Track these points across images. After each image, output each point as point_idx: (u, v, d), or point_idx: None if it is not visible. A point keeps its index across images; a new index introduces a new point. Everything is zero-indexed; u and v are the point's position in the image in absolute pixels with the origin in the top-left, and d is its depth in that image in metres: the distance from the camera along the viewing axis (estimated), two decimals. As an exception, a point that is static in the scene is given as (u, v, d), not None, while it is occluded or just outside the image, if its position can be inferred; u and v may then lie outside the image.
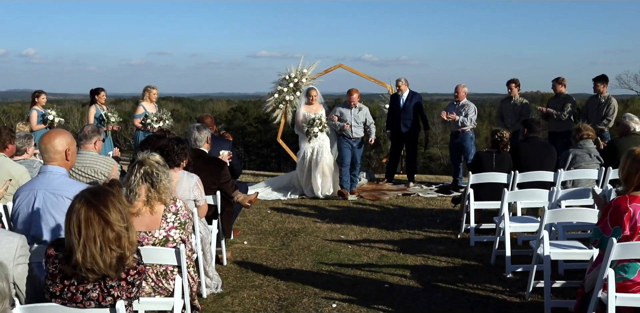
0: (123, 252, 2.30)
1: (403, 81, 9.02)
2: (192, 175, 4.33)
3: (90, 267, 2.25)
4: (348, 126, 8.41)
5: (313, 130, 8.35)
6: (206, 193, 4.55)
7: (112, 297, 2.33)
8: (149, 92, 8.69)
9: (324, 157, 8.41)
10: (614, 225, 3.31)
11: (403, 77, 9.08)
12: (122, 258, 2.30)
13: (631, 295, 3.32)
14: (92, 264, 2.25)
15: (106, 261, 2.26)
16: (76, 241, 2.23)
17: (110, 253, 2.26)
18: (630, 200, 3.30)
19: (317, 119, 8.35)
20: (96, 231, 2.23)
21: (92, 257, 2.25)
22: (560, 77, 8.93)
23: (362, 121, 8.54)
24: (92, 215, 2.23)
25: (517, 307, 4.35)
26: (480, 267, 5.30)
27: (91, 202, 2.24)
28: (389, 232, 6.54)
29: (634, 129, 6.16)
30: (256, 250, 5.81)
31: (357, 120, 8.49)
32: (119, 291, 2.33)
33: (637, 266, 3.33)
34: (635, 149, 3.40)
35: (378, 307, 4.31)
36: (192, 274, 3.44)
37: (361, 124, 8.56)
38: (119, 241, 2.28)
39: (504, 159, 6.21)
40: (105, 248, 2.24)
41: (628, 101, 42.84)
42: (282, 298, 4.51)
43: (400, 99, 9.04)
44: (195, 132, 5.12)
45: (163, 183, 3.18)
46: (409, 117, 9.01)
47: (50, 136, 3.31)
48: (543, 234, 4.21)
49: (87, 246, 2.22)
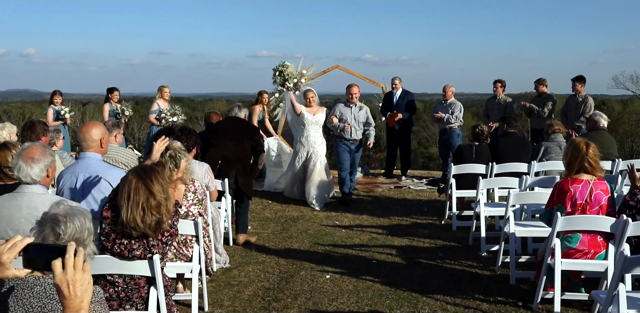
0: (161, 217, 2.94)
1: (397, 80, 9.64)
2: (203, 164, 4.99)
3: (133, 226, 2.90)
4: (349, 127, 7.79)
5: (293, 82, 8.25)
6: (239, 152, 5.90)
7: (152, 254, 2.97)
8: (162, 91, 9.49)
9: (316, 167, 7.87)
10: (557, 204, 3.96)
11: (399, 76, 9.69)
12: (159, 222, 2.95)
13: (574, 260, 3.97)
14: (134, 224, 2.89)
15: (146, 223, 2.91)
16: (125, 205, 2.87)
17: (150, 217, 2.90)
18: (571, 181, 3.95)
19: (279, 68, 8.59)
20: (141, 198, 2.87)
21: (135, 219, 2.89)
22: (541, 78, 9.60)
23: (362, 121, 8.00)
24: (140, 185, 2.87)
25: (487, 278, 5.00)
26: (459, 247, 5.94)
27: (141, 175, 2.89)
28: (380, 219, 7.18)
29: (602, 125, 6.80)
30: (259, 234, 6.45)
31: (357, 120, 7.95)
32: (157, 249, 2.98)
33: (579, 236, 3.98)
34: (575, 140, 4.06)
35: (366, 278, 4.96)
36: (207, 243, 4.10)
37: (361, 125, 8.01)
38: (159, 208, 2.92)
39: (483, 151, 6.86)
40: (147, 212, 2.88)
41: (628, 101, 43.28)
42: (282, 271, 5.16)
43: (394, 97, 9.66)
44: (236, 109, 6.40)
45: (184, 164, 3.85)
46: (404, 117, 9.61)
47: (88, 127, 3.94)
48: (509, 214, 4.86)
49: (132, 209, 2.87)
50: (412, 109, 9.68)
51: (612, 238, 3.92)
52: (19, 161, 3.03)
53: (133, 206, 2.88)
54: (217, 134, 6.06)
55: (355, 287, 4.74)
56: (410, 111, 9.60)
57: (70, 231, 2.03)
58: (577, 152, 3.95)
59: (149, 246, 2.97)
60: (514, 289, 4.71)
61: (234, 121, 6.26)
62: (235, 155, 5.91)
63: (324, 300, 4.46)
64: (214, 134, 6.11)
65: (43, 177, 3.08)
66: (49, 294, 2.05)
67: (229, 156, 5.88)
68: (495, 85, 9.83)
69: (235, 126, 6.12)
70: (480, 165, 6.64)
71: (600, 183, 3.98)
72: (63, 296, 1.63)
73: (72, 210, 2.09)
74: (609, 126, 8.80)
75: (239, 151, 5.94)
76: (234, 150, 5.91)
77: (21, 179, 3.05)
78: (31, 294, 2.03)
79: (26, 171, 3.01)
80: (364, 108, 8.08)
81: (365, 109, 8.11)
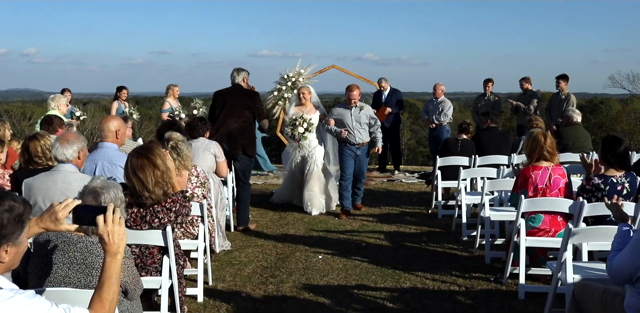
0: (166, 184, 3.49)
1: (384, 80, 10.17)
2: (212, 141, 5.77)
3: (144, 195, 3.44)
4: (346, 133, 7.05)
5: (297, 131, 7.21)
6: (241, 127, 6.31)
7: (158, 219, 3.47)
8: (172, 90, 10.02)
9: (314, 171, 7.35)
10: (521, 189, 4.47)
11: (384, 77, 10.24)
12: (164, 190, 3.50)
13: (537, 238, 4.47)
14: (144, 193, 3.43)
15: (154, 192, 3.44)
16: (134, 179, 3.45)
17: (155, 185, 3.44)
18: (532, 169, 4.47)
19: (299, 117, 7.22)
20: (147, 171, 3.42)
21: (146, 189, 3.43)
22: (526, 77, 10.12)
23: (365, 122, 7.18)
24: (144, 160, 3.43)
25: (465, 258, 5.50)
26: (442, 233, 6.44)
27: (141, 153, 3.47)
28: (371, 208, 7.68)
29: (576, 120, 7.30)
30: (258, 221, 6.94)
31: (359, 121, 7.12)
32: (162, 214, 3.49)
33: (541, 217, 4.49)
34: (534, 132, 4.58)
35: (354, 258, 5.47)
36: (211, 223, 4.61)
37: (365, 126, 7.19)
38: (162, 177, 3.47)
39: (468, 145, 7.36)
40: (154, 183, 3.43)
41: (628, 100, 43.66)
42: (279, 253, 5.67)
43: (382, 95, 10.19)
44: (235, 73, 6.57)
45: (185, 152, 4.40)
46: (392, 111, 10.11)
47: (107, 119, 4.51)
48: (485, 200, 5.36)
49: (142, 181, 3.42)
50: (400, 106, 10.29)
51: (570, 218, 4.42)
52: (57, 143, 3.66)
53: (142, 177, 3.42)
54: (219, 110, 6.36)
55: (345, 266, 5.25)
56: (398, 108, 10.17)
57: (107, 200, 2.55)
58: (537, 143, 4.47)
59: (155, 212, 3.49)
60: (488, 267, 5.20)
61: (231, 93, 6.41)
62: (238, 130, 6.32)
63: (316, 276, 4.96)
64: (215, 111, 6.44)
65: (75, 158, 3.69)
66: (90, 249, 2.57)
67: (233, 133, 6.30)
68: (487, 84, 10.35)
69: (233, 97, 6.35)
70: (464, 158, 7.13)
71: (557, 168, 4.51)
72: (105, 243, 2.14)
73: (107, 183, 2.62)
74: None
75: (240, 126, 6.33)
76: (235, 125, 6.31)
77: (57, 158, 3.66)
78: (75, 249, 2.55)
79: (62, 151, 3.63)
80: (365, 108, 7.26)
81: (367, 108, 7.30)
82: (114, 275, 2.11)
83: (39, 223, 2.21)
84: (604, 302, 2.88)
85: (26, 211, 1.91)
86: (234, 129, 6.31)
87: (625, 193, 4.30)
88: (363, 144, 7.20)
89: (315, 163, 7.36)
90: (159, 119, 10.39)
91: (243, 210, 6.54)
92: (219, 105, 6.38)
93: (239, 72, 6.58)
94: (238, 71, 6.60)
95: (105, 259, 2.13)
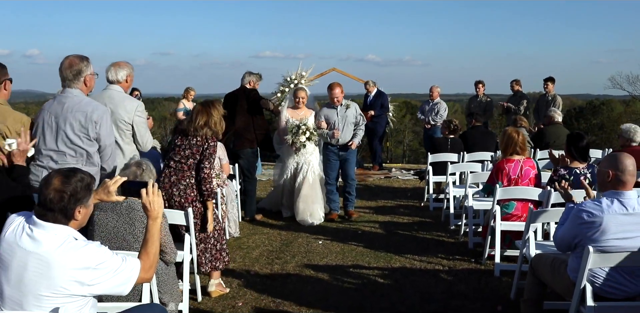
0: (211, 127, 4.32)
1: (371, 83, 10.84)
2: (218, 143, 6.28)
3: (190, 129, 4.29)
4: (339, 134, 6.79)
5: (299, 140, 6.76)
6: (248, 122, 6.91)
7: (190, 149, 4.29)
8: (188, 93, 10.92)
9: (308, 179, 6.89)
10: (496, 179, 5.07)
11: (371, 80, 10.91)
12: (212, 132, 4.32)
13: (511, 222, 5.07)
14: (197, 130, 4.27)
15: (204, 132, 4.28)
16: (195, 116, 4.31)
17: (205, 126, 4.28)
18: (506, 161, 5.08)
19: (302, 125, 6.77)
20: (203, 116, 4.29)
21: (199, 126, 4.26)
22: (517, 79, 10.72)
23: (352, 121, 6.90)
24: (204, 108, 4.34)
25: (450, 244, 6.10)
26: (432, 223, 7.05)
27: (204, 104, 4.38)
28: (368, 202, 8.29)
29: (557, 120, 7.89)
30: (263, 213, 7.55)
31: (346, 121, 6.85)
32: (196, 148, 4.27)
33: (514, 204, 5.09)
34: (508, 130, 5.19)
35: (351, 243, 6.08)
36: (224, 210, 5.23)
37: (351, 126, 6.91)
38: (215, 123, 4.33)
39: (456, 143, 7.96)
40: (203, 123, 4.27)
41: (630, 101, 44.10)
42: (283, 239, 6.28)
43: (368, 97, 10.83)
44: (244, 75, 7.16)
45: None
46: (375, 113, 10.70)
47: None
48: (468, 191, 5.96)
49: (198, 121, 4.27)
50: (385, 107, 10.92)
51: (540, 205, 5.01)
52: (110, 67, 4.34)
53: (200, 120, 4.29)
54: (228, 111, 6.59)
55: (342, 249, 5.86)
56: (383, 110, 10.83)
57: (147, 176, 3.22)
58: (511, 139, 5.10)
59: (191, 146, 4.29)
60: (471, 251, 5.80)
61: (237, 93, 7.04)
62: (244, 127, 6.89)
63: (316, 258, 5.57)
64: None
65: (124, 80, 4.36)
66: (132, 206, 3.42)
67: (239, 130, 6.88)
68: (477, 86, 10.95)
69: (240, 98, 6.97)
70: (453, 154, 7.73)
71: (528, 161, 5.13)
72: (147, 210, 2.74)
73: (142, 160, 3.34)
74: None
75: (245, 122, 6.90)
76: (240, 123, 6.88)
77: (109, 79, 4.33)
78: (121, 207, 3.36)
79: (114, 72, 4.31)
80: (351, 106, 6.94)
81: (354, 107, 6.99)
82: (155, 234, 2.71)
83: (95, 195, 2.82)
84: (553, 267, 3.48)
85: (92, 181, 2.52)
86: (240, 127, 6.93)
87: (587, 182, 4.89)
88: (347, 144, 6.90)
89: (312, 170, 6.92)
90: (175, 117, 11.16)
91: (249, 202, 7.14)
92: (229, 106, 6.98)
93: (248, 75, 7.19)
94: (248, 74, 7.20)
95: (148, 222, 2.74)
